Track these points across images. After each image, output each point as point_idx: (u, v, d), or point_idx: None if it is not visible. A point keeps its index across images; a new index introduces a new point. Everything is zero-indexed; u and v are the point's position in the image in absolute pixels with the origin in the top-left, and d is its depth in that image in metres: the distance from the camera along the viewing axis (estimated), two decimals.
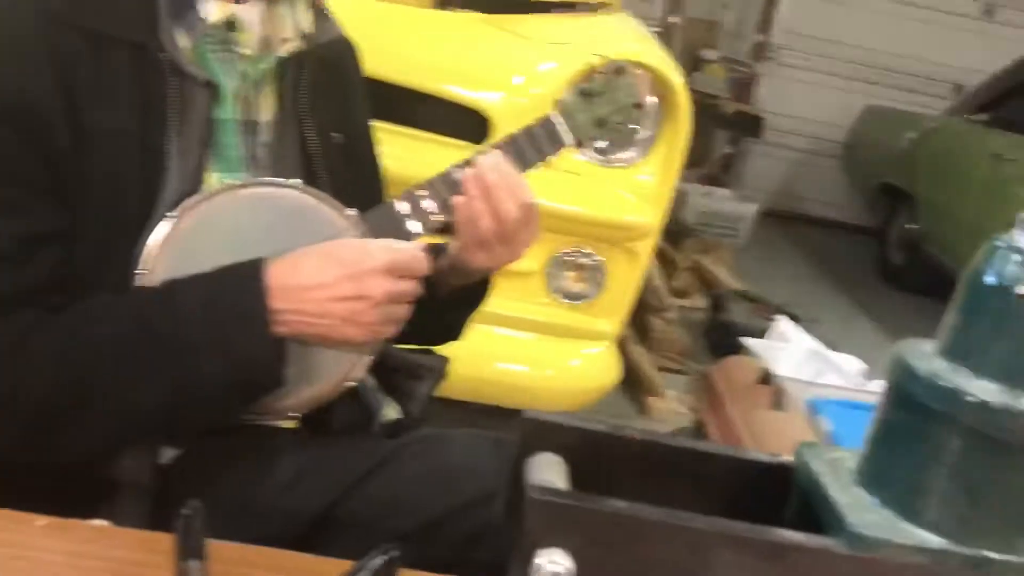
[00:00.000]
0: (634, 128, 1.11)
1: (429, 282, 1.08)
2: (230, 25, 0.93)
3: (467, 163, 1.00)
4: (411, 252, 0.91)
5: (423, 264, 0.92)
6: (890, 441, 0.47)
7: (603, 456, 0.53)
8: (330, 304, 0.86)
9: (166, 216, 0.88)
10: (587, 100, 1.07)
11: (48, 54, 0.84)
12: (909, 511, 0.46)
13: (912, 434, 0.46)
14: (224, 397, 0.86)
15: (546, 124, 1.05)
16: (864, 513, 0.46)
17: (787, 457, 0.53)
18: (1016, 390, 0.43)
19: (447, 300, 1.09)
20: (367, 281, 0.86)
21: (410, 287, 0.91)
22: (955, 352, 0.46)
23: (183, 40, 0.90)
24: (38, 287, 0.84)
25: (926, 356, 0.46)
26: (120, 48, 0.87)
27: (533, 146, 1.03)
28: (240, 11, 0.94)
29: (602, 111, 1.07)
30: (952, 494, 0.45)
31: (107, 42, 0.87)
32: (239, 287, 0.85)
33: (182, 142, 0.90)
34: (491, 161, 0.99)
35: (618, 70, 1.07)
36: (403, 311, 0.92)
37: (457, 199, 0.98)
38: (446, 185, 0.99)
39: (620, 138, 1.11)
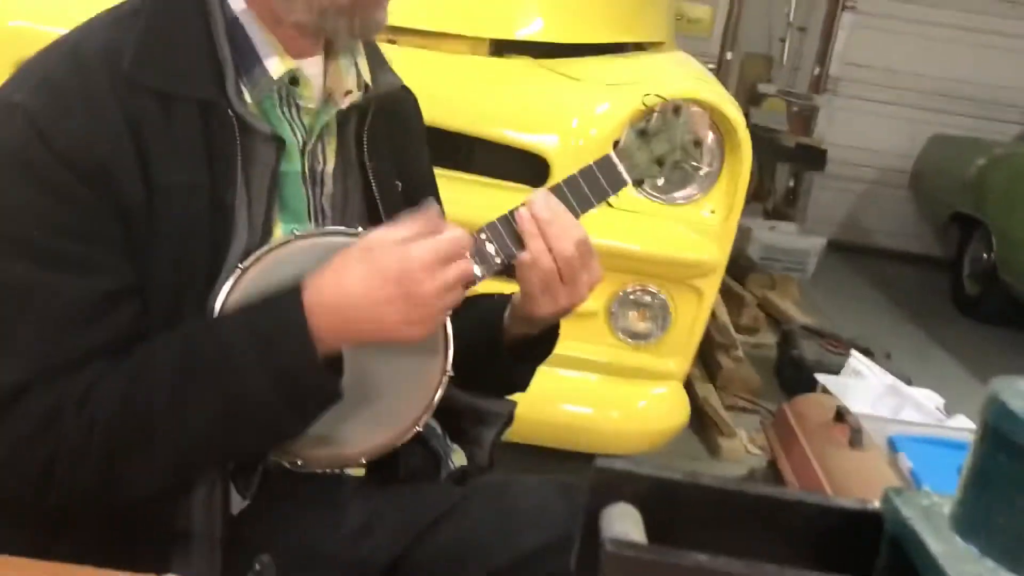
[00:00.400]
0: (694, 164, 1.10)
1: (496, 333, 1.07)
2: (293, 80, 0.96)
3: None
4: (449, 237, 0.88)
5: (466, 241, 0.90)
6: (987, 486, 0.45)
7: (678, 505, 0.51)
8: (383, 311, 0.86)
9: (236, 268, 0.89)
10: (645, 139, 1.07)
11: (121, 114, 0.86)
12: (1014, 561, 0.43)
13: (1011, 478, 0.43)
14: (277, 412, 0.86)
15: (605, 164, 1.04)
16: (965, 564, 0.43)
17: (874, 503, 0.50)
18: None
19: (515, 351, 1.08)
20: (416, 286, 0.85)
21: (459, 270, 0.89)
22: None
23: (248, 95, 0.93)
24: (114, 342, 0.86)
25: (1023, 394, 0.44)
26: (188, 105, 0.89)
27: (593, 186, 1.03)
28: (303, 66, 0.96)
29: (661, 149, 1.07)
30: None
31: (176, 100, 0.89)
32: (278, 306, 0.86)
33: (249, 196, 0.92)
34: (542, 199, 0.99)
35: (675, 108, 1.07)
36: (459, 294, 0.90)
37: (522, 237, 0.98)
38: (506, 228, 0.99)
39: (680, 175, 1.10)
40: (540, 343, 1.09)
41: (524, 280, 1.00)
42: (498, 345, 1.08)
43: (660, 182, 1.28)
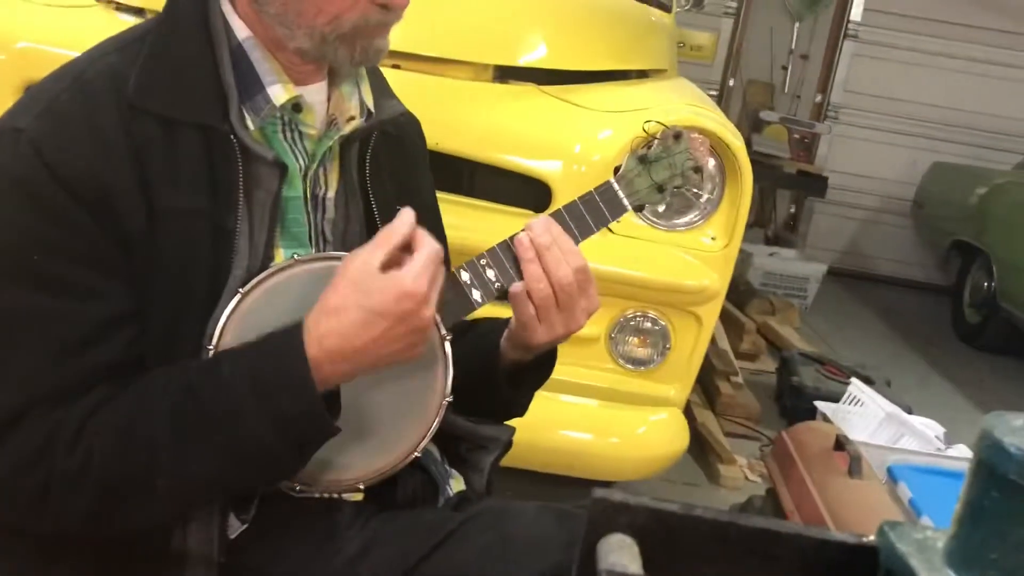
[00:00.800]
0: (694, 191, 1.10)
1: (493, 358, 1.08)
2: (296, 107, 0.96)
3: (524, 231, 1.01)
4: (431, 256, 0.88)
5: (440, 254, 0.90)
6: (980, 520, 0.45)
7: (675, 536, 0.52)
8: (389, 347, 0.87)
9: (236, 292, 0.90)
10: (645, 166, 1.07)
11: (124, 140, 0.87)
12: None
13: (1005, 515, 0.43)
14: (278, 456, 0.87)
15: (605, 191, 1.05)
16: None
17: (870, 537, 0.50)
18: None
19: (512, 377, 1.09)
20: (418, 317, 0.87)
21: (439, 282, 0.90)
22: None
23: (251, 122, 0.93)
24: (112, 367, 0.86)
25: (1018, 432, 0.44)
26: (191, 131, 0.90)
27: (593, 213, 1.04)
28: (306, 93, 0.97)
29: (661, 176, 1.07)
30: None
31: (179, 125, 0.90)
32: (280, 354, 0.86)
33: (251, 221, 0.93)
34: (542, 225, 1.00)
35: (676, 135, 1.07)
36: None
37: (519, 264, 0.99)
38: (506, 254, 1.00)
39: (681, 201, 1.11)
40: (536, 368, 1.10)
41: (519, 306, 1.00)
42: (495, 370, 1.08)
43: (661, 208, 1.28)
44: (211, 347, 0.89)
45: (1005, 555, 0.44)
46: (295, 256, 0.94)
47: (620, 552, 0.48)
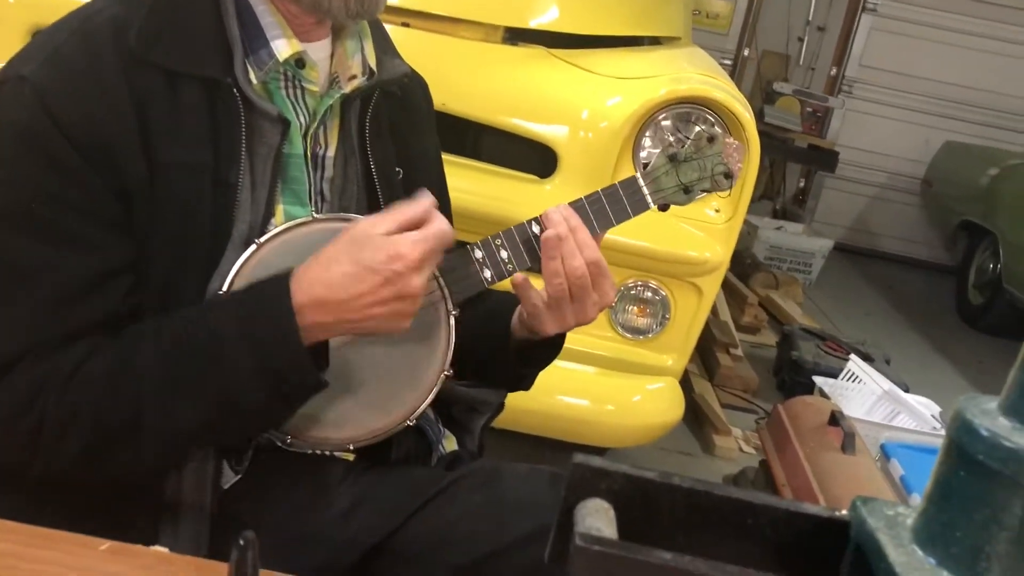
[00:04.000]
0: (722, 194, 1.10)
1: (504, 336, 1.08)
2: (299, 63, 0.96)
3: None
4: (436, 233, 0.88)
5: (450, 237, 0.90)
6: (948, 500, 0.46)
7: (651, 503, 0.53)
8: (372, 309, 0.86)
9: (254, 242, 0.91)
10: (675, 165, 1.05)
11: (127, 91, 0.87)
12: (969, 573, 0.44)
13: (971, 494, 0.44)
14: (264, 405, 0.88)
15: (630, 186, 1.04)
16: (922, 574, 0.44)
17: (842, 511, 0.51)
18: None
19: (520, 355, 1.10)
20: (406, 283, 0.86)
21: (439, 257, 0.90)
22: (1019, 411, 0.44)
23: (254, 76, 0.93)
24: (108, 318, 0.87)
25: (988, 414, 0.45)
26: (194, 84, 0.90)
27: (615, 207, 1.03)
28: (309, 49, 0.96)
29: (689, 177, 1.05)
30: (1013, 559, 0.43)
31: (182, 78, 0.89)
32: (267, 302, 0.86)
33: (253, 175, 0.93)
34: (559, 215, 1.00)
35: (710, 137, 1.06)
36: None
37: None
38: (522, 236, 1.00)
39: (703, 200, 1.08)
40: (547, 347, 1.10)
41: (525, 296, 1.01)
42: (506, 348, 1.09)
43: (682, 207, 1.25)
44: (222, 295, 0.90)
45: (969, 534, 0.44)
46: (313, 215, 0.94)
47: (596, 516, 0.50)
